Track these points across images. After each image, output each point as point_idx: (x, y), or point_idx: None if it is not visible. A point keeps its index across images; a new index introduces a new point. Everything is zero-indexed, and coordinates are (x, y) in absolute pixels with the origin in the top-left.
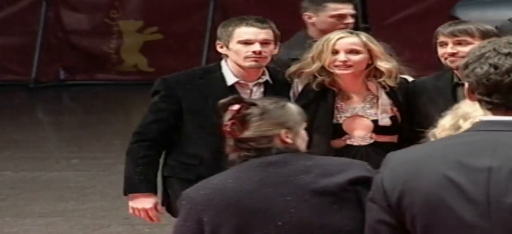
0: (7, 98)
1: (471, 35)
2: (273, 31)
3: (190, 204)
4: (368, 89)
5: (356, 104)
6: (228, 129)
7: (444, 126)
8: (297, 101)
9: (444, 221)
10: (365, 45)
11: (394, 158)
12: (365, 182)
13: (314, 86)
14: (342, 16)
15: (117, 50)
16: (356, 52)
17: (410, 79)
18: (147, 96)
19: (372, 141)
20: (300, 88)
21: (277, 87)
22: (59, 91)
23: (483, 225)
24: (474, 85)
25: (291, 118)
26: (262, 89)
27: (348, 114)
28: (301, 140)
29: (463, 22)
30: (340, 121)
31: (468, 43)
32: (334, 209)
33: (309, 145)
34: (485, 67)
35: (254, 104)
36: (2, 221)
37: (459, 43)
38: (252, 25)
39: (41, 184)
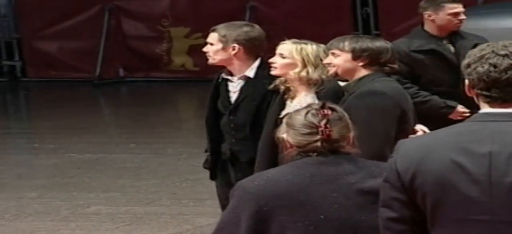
0: (75, 92)
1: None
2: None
3: (242, 193)
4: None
5: (295, 102)
6: (327, 132)
7: None
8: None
9: (451, 198)
10: (291, 53)
11: (405, 145)
12: None
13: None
14: (457, 14)
15: (167, 52)
16: (282, 56)
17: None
18: (193, 91)
19: None
20: None
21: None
22: (118, 87)
23: (485, 200)
24: (475, 82)
25: (351, 123)
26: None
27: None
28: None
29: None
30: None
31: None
32: (374, 207)
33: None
34: (486, 67)
35: (334, 109)
36: (71, 195)
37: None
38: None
39: (103, 164)
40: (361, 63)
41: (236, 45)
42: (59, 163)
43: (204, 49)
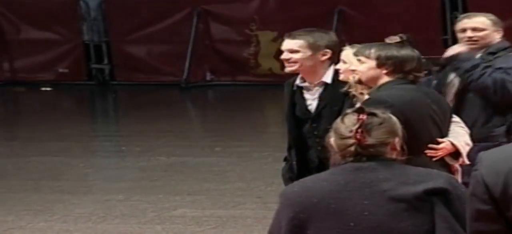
0: (163, 95)
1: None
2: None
3: (283, 199)
4: None
5: None
6: (358, 136)
7: None
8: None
9: None
10: (350, 59)
11: (490, 156)
12: (442, 193)
13: None
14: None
15: (255, 56)
16: (344, 62)
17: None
18: (279, 95)
19: None
20: None
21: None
22: (205, 90)
23: None
24: None
25: (399, 127)
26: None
27: None
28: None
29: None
30: None
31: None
32: (405, 216)
33: None
34: None
35: (374, 114)
36: (156, 197)
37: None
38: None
39: (189, 167)
40: (384, 71)
41: (328, 51)
42: (145, 166)
43: (285, 56)
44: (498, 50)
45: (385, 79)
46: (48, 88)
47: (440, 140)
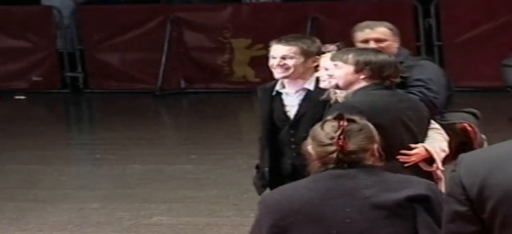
0: (137, 103)
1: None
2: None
3: (262, 206)
4: None
5: None
6: (341, 143)
7: None
8: None
9: None
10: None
11: (469, 158)
12: (423, 200)
13: None
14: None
15: (229, 63)
16: (326, 69)
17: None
18: (253, 103)
19: None
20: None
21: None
22: (179, 98)
23: None
24: None
25: (376, 134)
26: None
27: None
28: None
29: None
30: None
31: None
32: (387, 222)
33: None
34: None
35: (353, 121)
36: (132, 206)
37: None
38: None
39: (164, 175)
40: (362, 76)
41: (317, 57)
42: (121, 173)
43: (278, 62)
44: (406, 59)
45: (362, 84)
46: (22, 97)
47: (413, 146)
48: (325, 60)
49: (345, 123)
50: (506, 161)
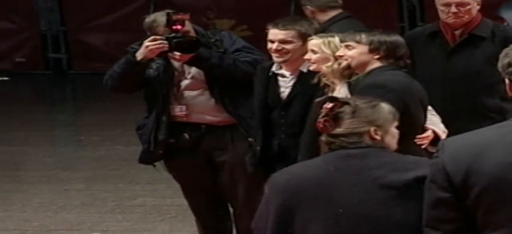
0: None
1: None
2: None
3: (271, 185)
4: None
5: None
6: (321, 125)
7: None
8: None
9: (509, 198)
10: (320, 48)
11: (452, 144)
12: None
13: None
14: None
15: None
16: (314, 52)
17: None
18: None
19: None
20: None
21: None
22: None
23: None
24: None
25: (381, 116)
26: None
27: None
28: (391, 137)
29: None
30: None
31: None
32: (395, 203)
33: None
34: None
35: (347, 103)
36: (116, 187)
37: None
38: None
39: None
40: (377, 56)
41: None
42: (105, 155)
43: (276, 47)
44: None
45: (376, 64)
46: (6, 78)
47: (426, 127)
48: (315, 43)
49: (329, 105)
50: (489, 147)
